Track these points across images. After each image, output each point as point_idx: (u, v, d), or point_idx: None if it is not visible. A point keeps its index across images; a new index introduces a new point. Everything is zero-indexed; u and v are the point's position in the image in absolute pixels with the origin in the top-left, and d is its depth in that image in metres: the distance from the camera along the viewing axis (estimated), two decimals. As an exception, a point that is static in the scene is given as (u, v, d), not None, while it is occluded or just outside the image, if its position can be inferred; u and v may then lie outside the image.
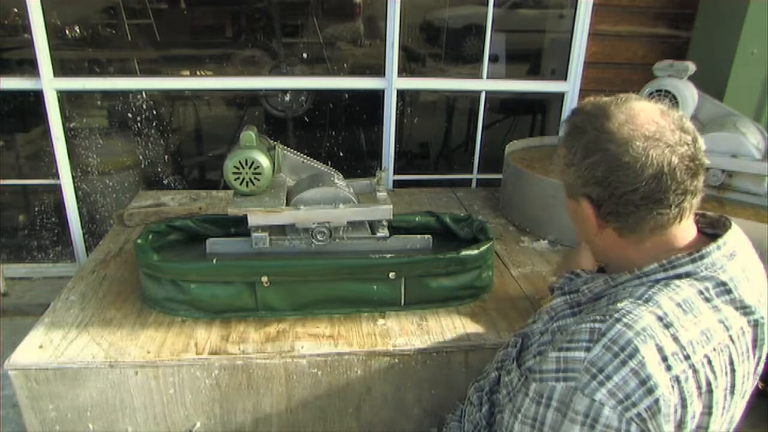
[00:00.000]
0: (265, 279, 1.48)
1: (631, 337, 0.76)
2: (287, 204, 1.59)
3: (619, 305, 0.81)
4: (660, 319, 0.79)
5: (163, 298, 1.51)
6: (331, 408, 1.43)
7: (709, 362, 0.79)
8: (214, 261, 1.51)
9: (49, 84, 2.54)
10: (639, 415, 0.74)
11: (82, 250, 2.87)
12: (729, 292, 0.84)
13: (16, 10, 2.95)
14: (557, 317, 0.99)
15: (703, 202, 0.88)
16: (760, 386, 2.13)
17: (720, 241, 0.86)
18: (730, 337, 0.82)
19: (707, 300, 0.83)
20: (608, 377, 0.75)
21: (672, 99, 2.02)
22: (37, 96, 2.56)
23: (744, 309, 0.84)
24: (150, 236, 1.66)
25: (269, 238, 1.61)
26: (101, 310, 1.54)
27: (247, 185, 1.58)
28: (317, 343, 1.41)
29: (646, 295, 0.82)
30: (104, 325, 1.47)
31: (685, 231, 0.89)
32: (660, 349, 0.76)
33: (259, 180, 1.57)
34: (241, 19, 3.90)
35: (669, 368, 0.76)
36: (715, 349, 0.80)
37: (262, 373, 1.37)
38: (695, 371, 0.77)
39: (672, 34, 2.91)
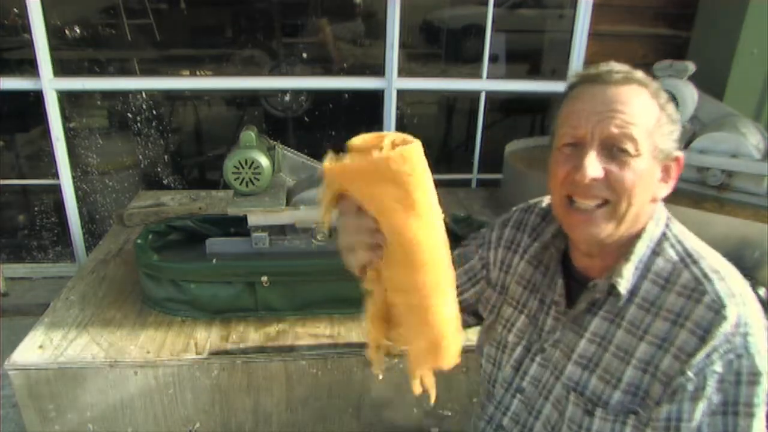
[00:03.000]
0: (265, 279, 1.48)
1: (741, 288, 0.75)
2: (287, 204, 1.59)
3: (703, 265, 0.78)
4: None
5: (163, 298, 1.51)
6: (331, 408, 1.43)
7: None
8: (214, 261, 1.51)
9: (49, 84, 2.53)
10: None
11: (82, 250, 2.87)
12: None
13: (16, 10, 2.95)
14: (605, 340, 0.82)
15: (703, 201, 0.87)
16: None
17: None
18: None
19: None
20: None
21: (672, 99, 2.01)
22: (37, 96, 2.56)
23: None
24: (150, 236, 1.66)
25: (269, 238, 1.61)
26: (101, 310, 1.54)
27: (247, 185, 1.58)
28: (317, 343, 1.41)
29: (701, 249, 0.82)
30: (104, 325, 1.47)
31: None
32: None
33: (259, 180, 1.57)
34: (241, 19, 3.90)
35: None
36: None
37: (262, 373, 1.37)
38: None
39: (672, 34, 2.91)
